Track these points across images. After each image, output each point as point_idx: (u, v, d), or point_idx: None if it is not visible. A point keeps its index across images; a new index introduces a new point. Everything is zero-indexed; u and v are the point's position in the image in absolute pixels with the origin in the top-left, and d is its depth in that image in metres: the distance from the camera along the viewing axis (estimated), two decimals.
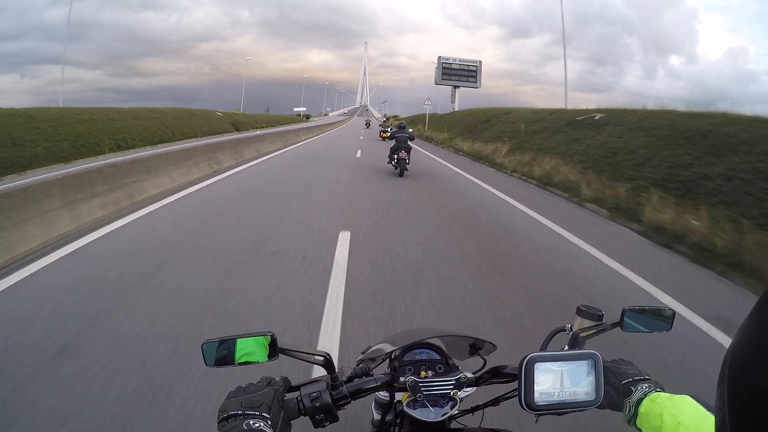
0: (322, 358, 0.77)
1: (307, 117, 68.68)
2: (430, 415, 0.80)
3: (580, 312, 0.87)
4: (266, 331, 0.74)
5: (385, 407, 1.02)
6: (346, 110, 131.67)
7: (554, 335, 0.88)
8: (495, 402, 0.89)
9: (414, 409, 0.81)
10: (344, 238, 4.88)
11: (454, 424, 0.90)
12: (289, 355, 0.75)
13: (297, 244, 4.64)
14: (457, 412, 0.83)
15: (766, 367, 0.27)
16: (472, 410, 0.93)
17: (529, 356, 0.66)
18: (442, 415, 0.80)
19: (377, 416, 1.12)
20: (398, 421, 0.95)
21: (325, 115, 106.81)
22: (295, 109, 73.33)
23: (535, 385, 0.65)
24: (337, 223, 5.55)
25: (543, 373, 0.65)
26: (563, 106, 20.03)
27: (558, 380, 0.66)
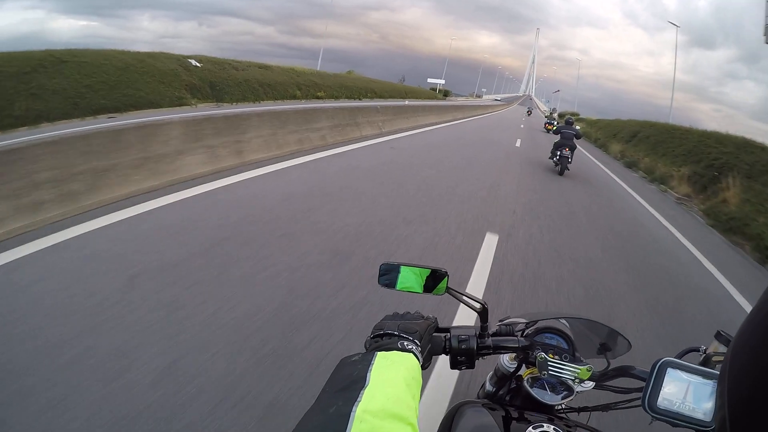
0: (480, 306, 0.81)
1: (445, 94, 53.30)
2: (545, 396, 0.84)
3: (719, 336, 0.83)
4: (439, 267, 0.80)
5: (501, 380, 1.05)
6: (499, 97, 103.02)
7: (687, 353, 0.84)
8: (605, 408, 0.90)
9: (532, 387, 0.86)
10: None
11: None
12: (452, 295, 0.80)
13: None
14: (565, 406, 0.89)
15: (766, 368, 0.27)
16: (579, 410, 0.95)
17: (664, 359, 0.66)
18: (555, 402, 0.84)
19: (490, 387, 1.12)
20: (508, 397, 0.99)
21: (478, 96, 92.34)
22: (429, 80, 57.31)
23: (662, 389, 0.65)
24: None
25: (671, 380, 0.65)
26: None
27: (683, 391, 0.65)
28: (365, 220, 4.20)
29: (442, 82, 56.66)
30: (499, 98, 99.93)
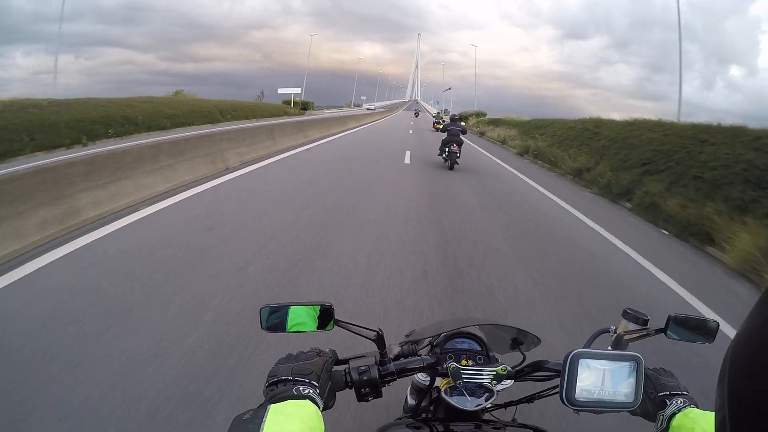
0: (374, 333, 0.78)
1: (304, 107, 38.88)
2: (466, 403, 0.82)
3: (626, 315, 0.87)
4: (324, 301, 0.75)
5: (421, 393, 1.03)
6: (373, 105, 79.09)
7: (598, 335, 0.87)
8: (529, 399, 0.91)
9: (451, 396, 0.83)
10: None
11: (486, 416, 0.91)
12: (342, 327, 0.75)
13: None
14: (490, 405, 0.86)
15: (767, 367, 0.27)
16: (506, 405, 0.95)
17: (574, 352, 0.66)
18: (477, 406, 0.82)
19: (412, 401, 1.13)
20: (431, 408, 0.97)
21: (357, 105, 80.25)
22: (280, 91, 40.80)
23: (578, 381, 0.66)
24: None
25: (586, 370, 0.66)
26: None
27: (600, 379, 0.66)
28: None
29: (297, 91, 42.03)
30: (372, 107, 72.07)
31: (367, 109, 56.97)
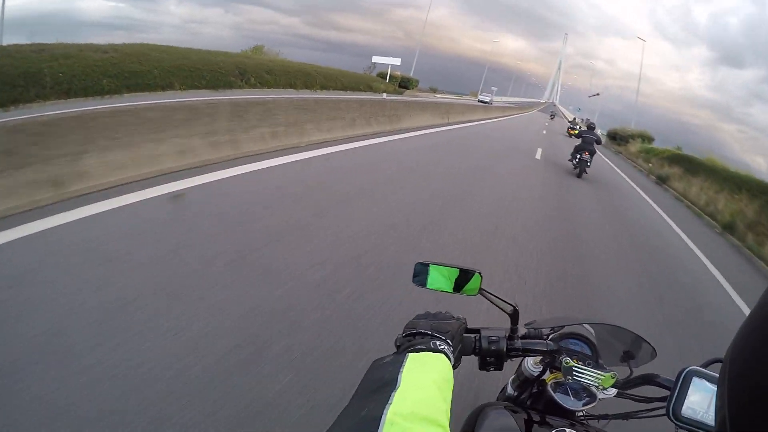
0: (511, 308, 0.81)
1: (404, 84, 30.75)
2: (568, 402, 0.84)
3: None
4: (472, 268, 0.78)
5: (524, 384, 1.04)
6: (487, 98, 52.44)
7: (713, 362, 0.81)
8: (625, 416, 0.88)
9: (555, 392, 0.85)
10: None
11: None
12: (485, 297, 0.79)
13: None
14: (586, 413, 0.88)
15: (766, 368, 0.27)
16: (599, 417, 0.94)
17: (690, 367, 0.66)
18: (576, 408, 0.83)
19: (512, 391, 1.13)
20: (530, 401, 0.98)
21: (480, 94, 67.63)
22: (375, 60, 33.40)
23: (686, 397, 0.65)
24: None
25: (696, 390, 0.65)
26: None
27: (707, 401, 0.65)
28: None
29: (396, 62, 33.33)
30: (488, 99, 50.92)
31: (479, 101, 42.38)
